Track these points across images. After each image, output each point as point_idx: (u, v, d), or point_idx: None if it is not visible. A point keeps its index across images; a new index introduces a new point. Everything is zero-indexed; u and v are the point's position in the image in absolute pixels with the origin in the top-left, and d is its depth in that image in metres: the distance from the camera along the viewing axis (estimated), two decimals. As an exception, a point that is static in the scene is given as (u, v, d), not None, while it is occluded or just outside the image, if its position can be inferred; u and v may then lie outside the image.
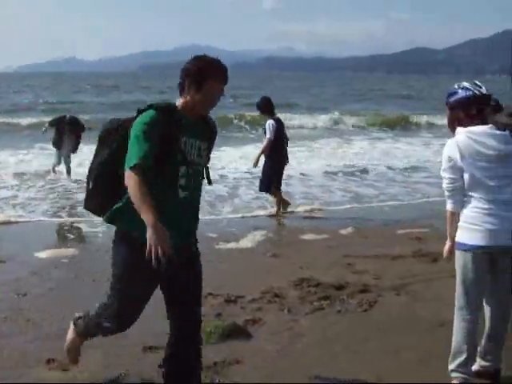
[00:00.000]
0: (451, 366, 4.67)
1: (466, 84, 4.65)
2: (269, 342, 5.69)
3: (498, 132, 4.49)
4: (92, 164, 4.28)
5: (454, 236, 4.62)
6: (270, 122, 11.41)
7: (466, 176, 4.48)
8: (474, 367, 4.82)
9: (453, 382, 4.64)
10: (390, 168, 18.40)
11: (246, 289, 7.10)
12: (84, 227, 10.59)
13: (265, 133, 11.47)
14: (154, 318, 5.55)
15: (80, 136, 16.36)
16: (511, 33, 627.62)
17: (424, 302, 6.74)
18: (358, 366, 5.14)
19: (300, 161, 18.83)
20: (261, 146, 11.91)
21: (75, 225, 10.82)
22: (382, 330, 5.96)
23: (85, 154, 14.84)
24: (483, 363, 4.88)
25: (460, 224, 4.57)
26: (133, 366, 5.14)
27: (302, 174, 16.62)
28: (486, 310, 4.78)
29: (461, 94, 4.61)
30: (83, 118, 19.58)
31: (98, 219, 4.76)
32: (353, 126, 34.40)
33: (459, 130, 4.55)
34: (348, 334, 5.90)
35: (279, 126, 11.53)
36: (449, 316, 4.75)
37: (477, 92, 4.57)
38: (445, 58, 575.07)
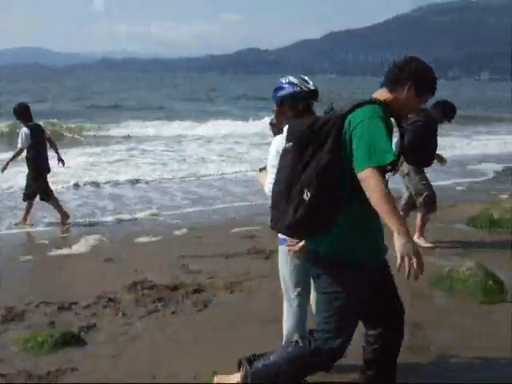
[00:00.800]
0: None
1: (292, 79, 4.66)
2: (104, 348, 5.64)
3: None
4: (303, 174, 3.71)
5: None
6: (23, 130, 10.96)
7: None
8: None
9: None
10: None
11: (79, 295, 6.98)
12: None
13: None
14: None
15: None
16: (339, 34, 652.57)
17: (258, 299, 6.90)
18: (195, 366, 5.17)
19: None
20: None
21: None
22: (216, 329, 6.04)
23: None
24: None
25: None
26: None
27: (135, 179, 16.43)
28: (314, 300, 4.90)
29: (288, 89, 4.62)
30: None
31: None
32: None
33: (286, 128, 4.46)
34: (183, 334, 5.93)
35: (36, 133, 11.05)
36: (282, 311, 4.87)
37: (303, 87, 4.59)
38: (276, 58, 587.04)
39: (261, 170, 5.09)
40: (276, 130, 4.91)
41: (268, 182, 4.68)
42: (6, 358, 5.37)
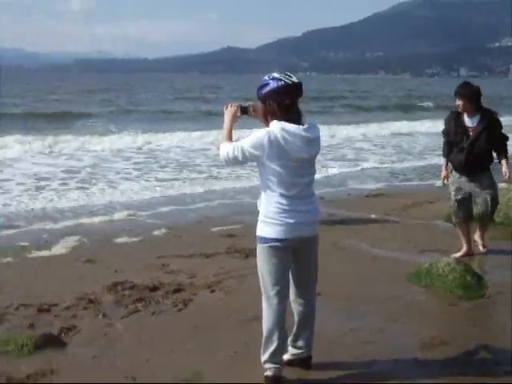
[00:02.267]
0: (263, 357, 4.81)
1: (276, 74, 4.63)
2: (84, 349, 5.61)
3: (311, 135, 4.58)
4: None
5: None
6: None
7: (269, 171, 4.58)
8: (286, 356, 5.01)
9: (266, 373, 4.78)
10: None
11: (59, 297, 6.94)
12: None
13: None
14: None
15: None
16: (318, 32, 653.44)
17: (238, 297, 6.90)
18: (176, 366, 5.18)
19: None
20: None
21: None
22: (197, 328, 6.04)
23: None
24: (294, 351, 5.07)
25: (262, 219, 4.70)
26: None
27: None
28: (294, 298, 4.97)
29: (272, 84, 4.58)
30: None
31: None
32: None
33: (273, 123, 4.54)
34: (164, 334, 5.92)
35: None
36: (262, 309, 4.87)
37: (288, 81, 4.55)
38: (255, 56, 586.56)
39: (242, 108, 4.98)
40: (255, 115, 4.90)
41: (228, 145, 4.74)
42: (-14, 361, 5.34)
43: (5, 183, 15.34)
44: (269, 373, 4.79)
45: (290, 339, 5.03)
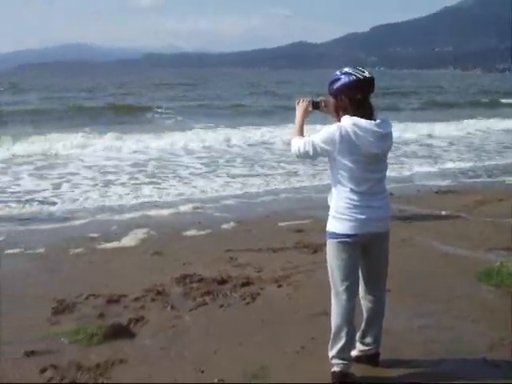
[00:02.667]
0: (331, 353, 4.77)
1: (347, 69, 4.57)
2: (153, 340, 5.65)
3: (383, 131, 4.51)
4: None
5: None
6: None
7: (340, 166, 4.54)
8: (354, 352, 4.96)
9: (333, 369, 4.74)
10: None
11: (128, 288, 7.01)
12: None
13: None
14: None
15: None
16: (385, 28, 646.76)
17: (306, 292, 6.85)
18: (243, 359, 5.17)
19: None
20: None
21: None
22: (265, 322, 6.02)
23: None
24: (362, 347, 5.02)
25: (332, 214, 4.65)
26: (13, 373, 4.99)
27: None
28: (363, 295, 4.92)
29: (344, 79, 4.53)
30: None
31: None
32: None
33: (345, 118, 4.50)
34: (231, 327, 5.92)
35: None
36: (330, 305, 4.81)
37: (360, 76, 4.50)
38: (324, 52, 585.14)
39: (314, 103, 4.95)
40: (326, 111, 4.87)
41: (299, 140, 4.73)
42: (57, 349, 5.43)
43: (73, 177, 15.67)
44: (336, 369, 4.74)
45: (358, 335, 4.98)
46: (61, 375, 4.92)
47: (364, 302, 4.94)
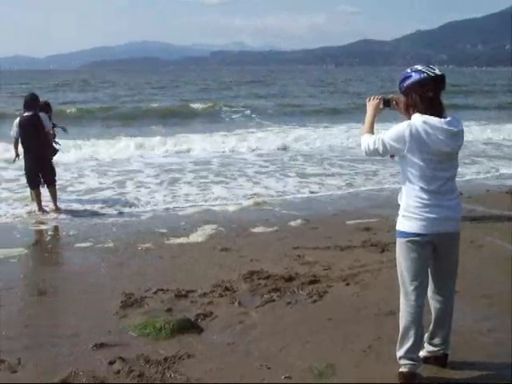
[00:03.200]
0: (399, 353, 4.72)
1: (418, 67, 4.56)
2: (220, 336, 5.69)
3: (454, 129, 4.46)
4: None
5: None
6: (15, 120, 11.47)
7: (410, 164, 4.51)
8: (422, 353, 4.90)
9: (401, 369, 4.69)
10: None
11: (196, 283, 7.09)
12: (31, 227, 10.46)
13: None
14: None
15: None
16: (455, 25, 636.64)
17: (373, 291, 6.80)
18: (309, 357, 5.15)
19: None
20: None
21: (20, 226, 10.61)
22: (332, 320, 5.99)
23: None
24: (430, 348, 4.96)
25: (402, 213, 4.61)
26: (83, 364, 5.07)
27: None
28: (432, 295, 4.86)
29: (414, 76, 4.51)
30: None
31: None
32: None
33: (415, 116, 4.48)
34: (298, 325, 5.91)
35: (22, 123, 11.33)
36: (398, 304, 4.77)
37: (431, 73, 4.48)
38: (392, 49, 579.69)
39: (385, 101, 4.93)
40: (396, 109, 4.84)
41: (370, 137, 4.72)
42: (126, 342, 5.51)
43: (138, 174, 15.93)
44: (404, 369, 4.69)
45: (426, 336, 4.93)
46: (129, 368, 4.99)
47: (432, 301, 4.88)
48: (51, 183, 11.58)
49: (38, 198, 11.46)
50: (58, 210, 11.41)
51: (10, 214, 11.22)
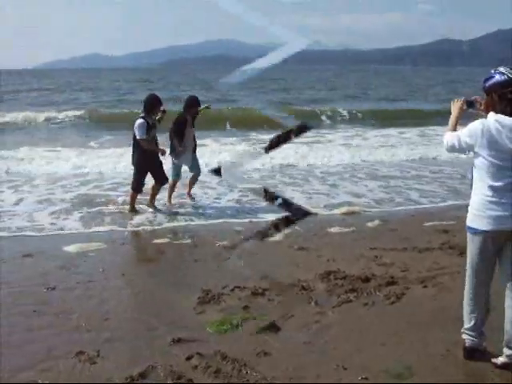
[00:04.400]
0: (462, 330, 5.12)
1: (501, 69, 4.75)
2: (297, 335, 5.70)
3: None
4: None
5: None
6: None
7: (479, 160, 4.73)
8: (501, 359, 4.92)
9: (464, 342, 5.06)
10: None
11: (273, 281, 7.13)
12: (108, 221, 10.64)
13: None
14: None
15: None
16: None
17: (451, 294, 6.68)
18: (386, 359, 5.12)
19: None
20: None
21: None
22: (409, 323, 5.94)
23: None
24: (509, 352, 4.89)
25: (470, 209, 4.88)
26: (161, 359, 5.15)
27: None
28: (507, 293, 4.93)
29: (496, 78, 4.71)
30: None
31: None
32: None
33: (490, 114, 4.70)
34: (375, 326, 5.88)
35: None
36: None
37: (511, 76, 4.66)
38: (470, 49, 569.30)
39: (468, 102, 5.16)
40: (479, 109, 5.05)
41: (449, 134, 4.98)
42: (203, 338, 5.58)
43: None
44: (466, 343, 5.05)
45: (505, 340, 4.93)
46: (206, 363, 5.04)
47: (507, 299, 4.96)
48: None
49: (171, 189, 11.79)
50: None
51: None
